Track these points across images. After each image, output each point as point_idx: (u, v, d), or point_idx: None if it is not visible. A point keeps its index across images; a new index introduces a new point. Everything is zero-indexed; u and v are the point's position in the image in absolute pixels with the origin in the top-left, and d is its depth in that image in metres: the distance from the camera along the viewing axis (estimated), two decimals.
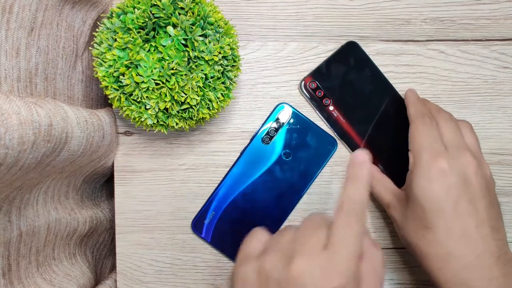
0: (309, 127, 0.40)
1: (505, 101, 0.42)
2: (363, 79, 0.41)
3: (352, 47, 0.41)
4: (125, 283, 0.41)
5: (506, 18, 0.41)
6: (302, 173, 0.40)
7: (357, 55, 0.41)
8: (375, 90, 0.41)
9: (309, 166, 0.40)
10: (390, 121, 0.41)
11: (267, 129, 0.40)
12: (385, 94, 0.41)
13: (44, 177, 0.33)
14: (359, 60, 0.41)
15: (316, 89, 0.41)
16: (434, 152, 0.33)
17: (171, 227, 0.41)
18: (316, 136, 0.40)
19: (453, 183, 0.32)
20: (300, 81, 0.40)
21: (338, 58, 0.41)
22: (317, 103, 0.41)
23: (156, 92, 0.32)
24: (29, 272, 0.34)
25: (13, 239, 0.31)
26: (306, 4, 0.41)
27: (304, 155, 0.40)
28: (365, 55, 0.41)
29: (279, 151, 0.40)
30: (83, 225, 0.40)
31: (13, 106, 0.24)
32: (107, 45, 0.32)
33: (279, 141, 0.40)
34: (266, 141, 0.40)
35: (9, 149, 0.23)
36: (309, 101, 0.41)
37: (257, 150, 0.40)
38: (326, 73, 0.41)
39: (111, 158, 0.41)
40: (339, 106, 0.41)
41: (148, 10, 0.32)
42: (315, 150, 0.40)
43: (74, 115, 0.31)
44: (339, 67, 0.41)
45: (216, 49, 0.33)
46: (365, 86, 0.41)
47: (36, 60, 0.31)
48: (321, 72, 0.41)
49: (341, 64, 0.41)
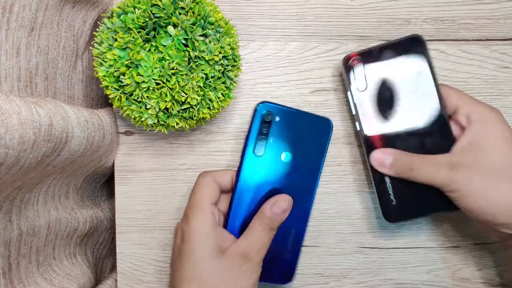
0: (298, 117, 0.37)
1: (506, 101, 0.42)
2: (413, 81, 0.37)
3: (416, 43, 0.37)
4: (126, 283, 0.41)
5: (507, 18, 0.41)
6: (308, 167, 0.37)
7: (418, 52, 0.37)
8: (419, 97, 0.37)
9: (313, 157, 0.37)
10: (421, 136, 0.37)
11: (254, 138, 0.36)
12: (428, 105, 0.37)
13: (45, 177, 0.33)
14: (417, 59, 0.37)
15: (357, 69, 0.37)
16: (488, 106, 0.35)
17: (171, 226, 0.41)
18: (308, 123, 0.37)
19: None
20: (346, 55, 0.38)
21: (395, 49, 0.37)
22: (352, 84, 0.37)
23: (156, 92, 0.32)
24: (30, 272, 0.34)
25: (13, 238, 0.31)
26: (307, 3, 0.41)
27: (303, 148, 0.37)
28: (427, 56, 0.37)
29: (277, 156, 0.37)
30: (83, 224, 0.40)
31: (14, 106, 0.24)
32: (107, 44, 0.32)
33: (273, 146, 0.37)
34: (259, 153, 0.36)
35: (9, 149, 0.23)
36: (345, 78, 0.37)
37: (254, 165, 0.36)
38: (375, 58, 0.37)
39: (112, 158, 0.41)
40: (374, 97, 0.37)
41: (149, 10, 0.32)
42: (312, 138, 0.37)
43: (74, 115, 0.31)
44: (391, 58, 0.37)
45: (216, 49, 0.33)
46: (411, 89, 0.37)
47: (37, 59, 0.31)
48: (370, 55, 0.37)
49: (396, 56, 0.37)
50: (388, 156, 0.36)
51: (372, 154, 0.37)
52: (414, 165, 0.35)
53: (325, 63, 0.41)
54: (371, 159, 0.37)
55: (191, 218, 0.33)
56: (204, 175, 0.35)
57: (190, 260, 0.32)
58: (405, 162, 0.35)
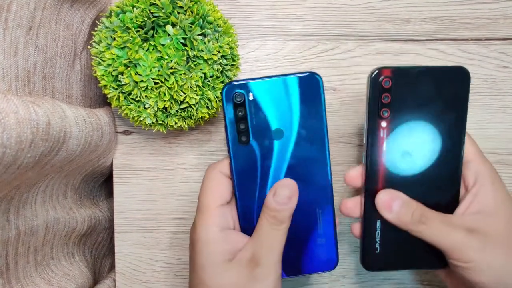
0: (275, 85, 0.31)
1: (505, 100, 0.42)
2: (443, 121, 0.32)
3: (460, 76, 0.32)
4: (124, 282, 0.41)
5: (506, 17, 0.41)
6: (310, 135, 0.32)
7: (457, 88, 0.32)
8: (443, 141, 0.32)
9: (310, 122, 0.31)
10: (428, 186, 0.32)
11: (234, 127, 0.31)
12: (449, 155, 0.32)
13: (43, 176, 0.33)
14: (456, 95, 0.32)
15: (385, 90, 0.31)
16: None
17: (170, 226, 0.41)
18: (289, 87, 0.31)
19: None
20: (375, 69, 0.31)
21: (435, 76, 0.31)
22: (373, 105, 0.31)
23: (155, 91, 0.32)
24: (27, 272, 0.34)
25: (11, 238, 0.31)
26: (306, 3, 0.41)
27: (295, 117, 0.31)
28: (465, 94, 0.32)
29: (268, 137, 0.31)
30: (81, 224, 0.40)
31: (11, 105, 0.24)
32: (106, 44, 0.32)
33: (257, 128, 0.31)
34: (244, 141, 0.31)
35: (6, 148, 0.23)
36: (369, 96, 0.31)
37: (244, 156, 0.31)
38: (411, 81, 0.31)
39: (110, 158, 0.41)
40: (396, 128, 0.32)
41: (147, 9, 0.31)
42: (301, 102, 0.31)
43: (72, 114, 0.31)
44: (428, 86, 0.31)
45: (215, 48, 0.32)
46: (439, 130, 0.32)
47: (34, 59, 0.31)
48: (406, 75, 0.31)
49: (433, 85, 0.31)
50: (397, 200, 0.32)
51: (379, 194, 0.32)
52: (427, 219, 0.31)
53: (324, 62, 0.41)
54: (377, 199, 0.32)
55: (197, 223, 0.31)
56: (211, 169, 0.32)
57: (197, 268, 0.30)
58: (415, 213, 0.31)
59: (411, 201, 0.32)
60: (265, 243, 0.30)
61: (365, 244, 0.33)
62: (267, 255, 0.29)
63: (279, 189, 0.30)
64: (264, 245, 0.30)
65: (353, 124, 0.41)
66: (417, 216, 0.31)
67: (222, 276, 0.29)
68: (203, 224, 0.30)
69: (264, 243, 0.30)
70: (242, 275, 0.29)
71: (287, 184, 0.31)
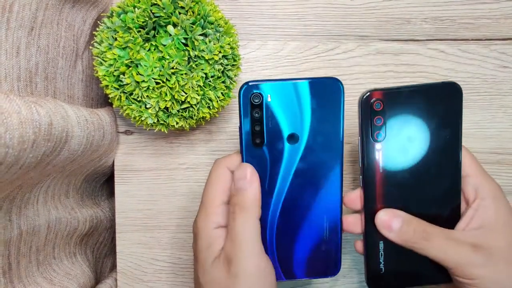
0: (295, 89, 0.30)
1: (505, 100, 0.42)
2: (438, 139, 0.31)
3: (452, 91, 0.31)
4: (126, 282, 0.41)
5: (506, 17, 0.41)
6: (325, 141, 0.31)
7: (450, 104, 0.31)
8: (440, 159, 0.32)
9: (327, 128, 0.31)
10: (427, 203, 0.32)
11: (249, 128, 0.30)
12: (447, 172, 0.32)
13: (45, 176, 0.33)
14: (447, 110, 0.31)
15: (377, 113, 0.31)
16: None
17: (171, 226, 0.41)
18: (309, 91, 0.30)
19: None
20: (365, 92, 0.31)
21: (427, 94, 0.31)
22: (366, 129, 0.31)
23: (156, 91, 0.32)
24: (30, 271, 0.34)
25: (13, 238, 0.31)
26: (306, 3, 0.41)
27: (312, 122, 0.30)
28: (458, 110, 0.31)
29: (282, 141, 0.30)
30: (83, 224, 0.40)
31: (13, 105, 0.24)
32: (107, 44, 0.32)
33: (273, 131, 0.30)
34: (258, 143, 0.30)
35: (9, 148, 0.23)
36: (361, 121, 0.31)
37: (257, 158, 0.31)
38: (403, 101, 0.31)
39: (112, 157, 0.41)
40: (391, 151, 0.31)
41: (149, 9, 0.32)
42: (320, 107, 0.30)
43: (74, 114, 0.31)
44: (420, 105, 0.31)
45: (216, 48, 0.33)
46: (434, 148, 0.32)
47: (36, 59, 0.31)
48: (397, 96, 0.31)
49: (426, 103, 0.31)
50: (396, 219, 0.31)
51: (378, 214, 0.32)
52: (430, 235, 0.30)
53: (324, 62, 0.41)
54: (376, 219, 0.32)
55: (198, 218, 0.31)
56: (218, 165, 0.31)
57: (195, 261, 0.31)
58: (417, 230, 0.31)
59: (411, 218, 0.31)
60: (234, 238, 0.28)
61: (369, 265, 0.33)
62: (238, 251, 0.28)
63: (237, 174, 0.30)
64: (234, 241, 0.28)
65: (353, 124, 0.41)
66: (419, 232, 0.31)
67: (209, 273, 0.29)
68: (203, 220, 0.30)
69: (234, 239, 0.28)
70: (222, 273, 0.28)
71: (245, 168, 0.30)
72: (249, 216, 0.29)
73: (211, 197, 0.31)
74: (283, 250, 0.33)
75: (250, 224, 0.29)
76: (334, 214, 0.32)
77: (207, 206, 0.30)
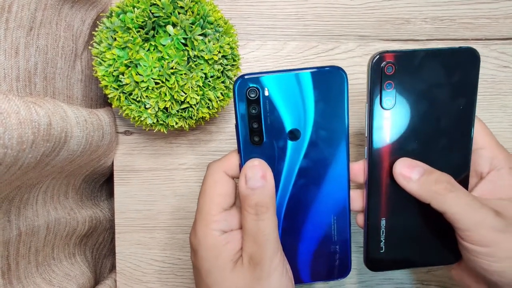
0: (295, 80, 0.27)
1: (505, 100, 0.42)
2: (451, 107, 0.29)
3: (469, 58, 0.29)
4: (125, 282, 0.41)
5: (506, 17, 0.41)
6: (329, 136, 0.29)
7: (466, 71, 0.29)
8: (451, 129, 0.30)
9: (331, 121, 0.28)
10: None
11: (246, 125, 0.28)
12: (457, 141, 0.30)
13: (44, 177, 0.33)
14: (463, 78, 0.29)
15: (388, 77, 0.28)
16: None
17: (171, 226, 0.41)
18: (311, 83, 0.28)
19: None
20: (376, 54, 0.28)
21: (443, 58, 0.29)
22: (375, 95, 0.29)
23: (155, 92, 0.32)
24: (29, 272, 0.34)
25: (12, 238, 0.31)
26: (306, 3, 0.41)
27: (314, 115, 0.28)
28: (475, 77, 0.29)
29: (283, 140, 0.28)
30: (82, 224, 0.40)
31: (12, 106, 0.24)
32: (106, 44, 0.32)
33: (273, 128, 0.28)
34: (256, 141, 0.28)
35: (8, 148, 0.23)
36: (369, 85, 0.29)
37: (257, 157, 0.29)
38: (416, 65, 0.28)
39: (111, 158, 0.41)
40: (400, 120, 0.29)
41: (148, 9, 0.31)
42: (322, 99, 0.28)
43: (73, 114, 0.31)
44: (435, 70, 0.29)
45: (215, 48, 0.33)
46: (446, 116, 0.30)
47: (35, 59, 0.31)
48: (411, 60, 0.28)
49: (441, 68, 0.29)
50: (417, 168, 0.29)
51: (397, 163, 0.29)
52: (454, 187, 0.28)
53: (324, 62, 0.41)
54: (394, 168, 0.29)
55: (197, 229, 0.29)
56: (213, 169, 0.29)
57: (203, 274, 0.28)
58: (440, 181, 0.28)
59: (432, 169, 0.29)
60: (256, 239, 0.27)
61: (368, 244, 0.32)
62: (262, 251, 0.27)
63: (249, 172, 0.27)
64: (257, 242, 0.27)
65: (353, 124, 0.41)
66: (443, 183, 0.28)
67: (228, 280, 0.28)
68: (203, 230, 0.28)
69: (256, 240, 0.27)
70: (246, 277, 0.27)
71: (256, 164, 0.27)
72: (271, 214, 0.27)
73: (209, 204, 0.29)
74: (289, 253, 0.30)
75: (272, 221, 0.27)
76: (343, 212, 0.31)
77: (205, 215, 0.28)
